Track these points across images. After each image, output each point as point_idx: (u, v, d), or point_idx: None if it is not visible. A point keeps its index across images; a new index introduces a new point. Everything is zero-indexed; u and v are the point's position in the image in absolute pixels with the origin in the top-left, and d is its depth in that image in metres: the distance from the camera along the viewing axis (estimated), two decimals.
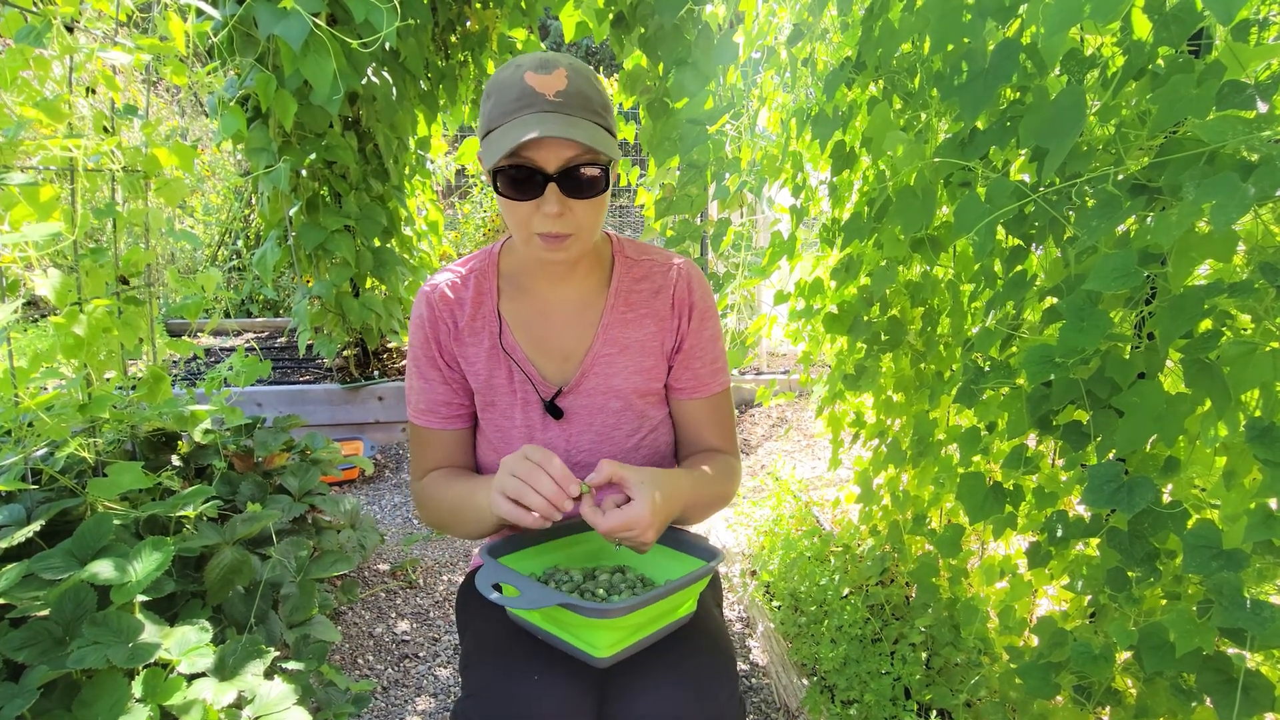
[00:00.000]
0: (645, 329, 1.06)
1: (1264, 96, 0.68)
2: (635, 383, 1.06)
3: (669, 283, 1.07)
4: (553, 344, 1.05)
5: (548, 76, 0.87)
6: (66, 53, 1.24)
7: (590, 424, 1.05)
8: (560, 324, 1.05)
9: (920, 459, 1.41)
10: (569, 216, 0.90)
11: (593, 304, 1.06)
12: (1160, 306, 0.78)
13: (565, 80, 0.87)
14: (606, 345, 1.05)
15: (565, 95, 0.86)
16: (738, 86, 1.93)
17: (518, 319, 1.05)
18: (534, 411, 1.05)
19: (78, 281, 1.34)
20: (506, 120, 0.87)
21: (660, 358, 1.08)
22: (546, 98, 0.86)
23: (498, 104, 0.88)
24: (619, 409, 1.06)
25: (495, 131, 0.88)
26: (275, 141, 2.61)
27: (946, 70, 0.97)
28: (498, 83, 0.89)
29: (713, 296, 1.11)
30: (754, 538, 2.29)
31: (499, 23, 3.01)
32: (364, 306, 3.11)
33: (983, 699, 1.34)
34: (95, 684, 1.02)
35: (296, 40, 1.67)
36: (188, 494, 1.33)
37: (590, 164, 0.88)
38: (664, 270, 1.08)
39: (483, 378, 1.05)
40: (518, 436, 1.05)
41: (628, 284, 1.07)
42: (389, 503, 2.84)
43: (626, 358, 1.06)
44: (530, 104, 0.86)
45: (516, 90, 0.87)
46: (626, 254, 1.09)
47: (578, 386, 1.05)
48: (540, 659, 0.88)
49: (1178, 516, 0.78)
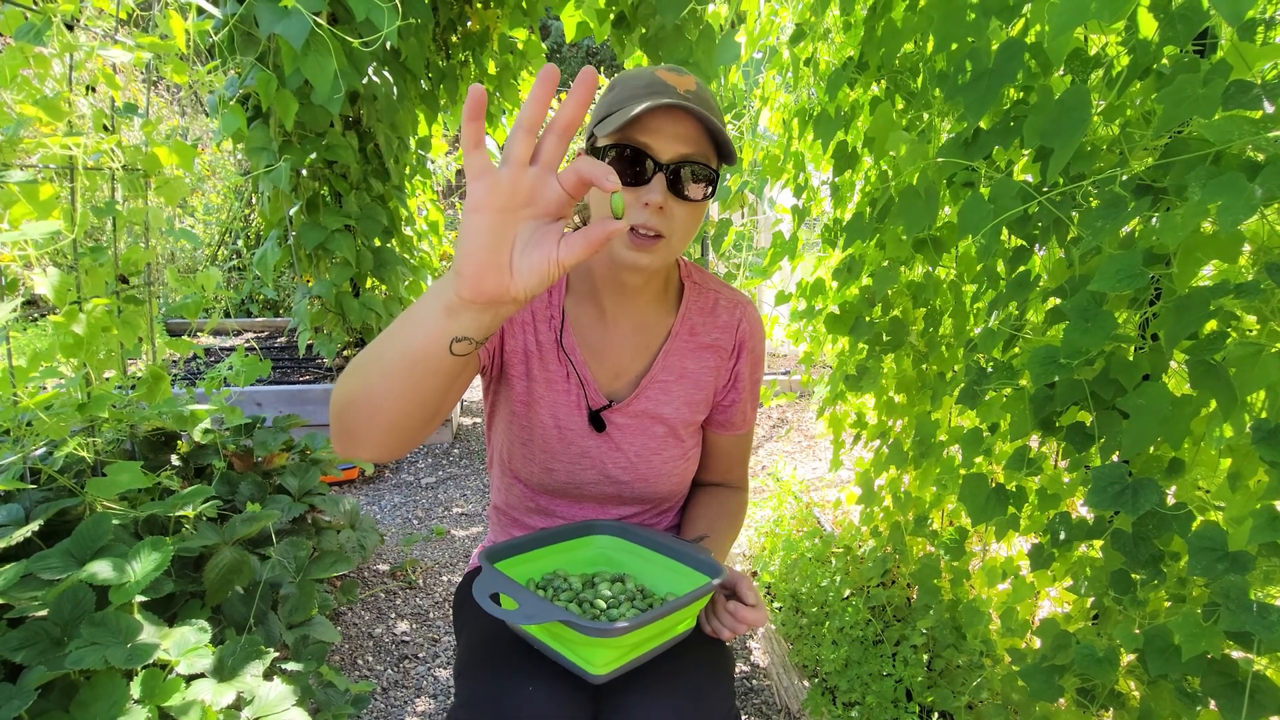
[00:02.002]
0: (704, 362, 1.06)
1: (1270, 96, 0.68)
2: (684, 414, 1.05)
3: (734, 321, 1.07)
4: (609, 356, 1.03)
5: (680, 76, 0.87)
6: (66, 51, 1.24)
7: (632, 444, 1.03)
8: (618, 339, 1.03)
9: (922, 460, 1.41)
10: (667, 216, 0.87)
11: (655, 327, 1.04)
12: (1165, 307, 0.77)
13: (696, 84, 0.88)
14: (665, 371, 1.04)
15: (694, 96, 0.86)
16: (739, 87, 1.93)
17: (579, 320, 1.02)
18: (577, 415, 1.01)
19: (77, 280, 1.34)
20: (632, 102, 0.84)
21: (711, 392, 1.07)
22: (678, 90, 0.85)
23: (624, 90, 0.87)
24: (662, 434, 1.04)
25: (616, 113, 0.85)
26: (276, 141, 2.60)
27: (950, 70, 0.97)
28: (623, 78, 0.89)
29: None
30: (755, 539, 2.28)
31: (500, 23, 3.01)
32: (364, 306, 3.10)
33: (984, 701, 1.34)
34: (93, 685, 1.01)
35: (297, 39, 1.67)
36: (187, 494, 1.32)
37: (702, 165, 0.87)
38: (731, 308, 1.07)
39: (520, 358, 1.00)
40: (554, 439, 1.01)
41: (695, 314, 1.06)
42: (389, 503, 2.83)
43: (682, 387, 1.04)
44: (661, 92, 0.84)
45: (646, 79, 0.86)
46: (695, 280, 1.07)
47: (627, 406, 1.02)
48: (535, 669, 0.86)
49: (1182, 518, 0.78)
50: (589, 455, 1.02)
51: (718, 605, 0.93)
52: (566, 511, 1.07)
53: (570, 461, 1.02)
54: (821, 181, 1.77)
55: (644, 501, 1.07)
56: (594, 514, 1.07)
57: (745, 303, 1.09)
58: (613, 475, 1.03)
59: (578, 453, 1.02)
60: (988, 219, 0.85)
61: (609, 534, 1.02)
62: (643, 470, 1.04)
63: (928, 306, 1.39)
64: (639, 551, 0.99)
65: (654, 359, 1.03)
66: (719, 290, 1.08)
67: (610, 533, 1.02)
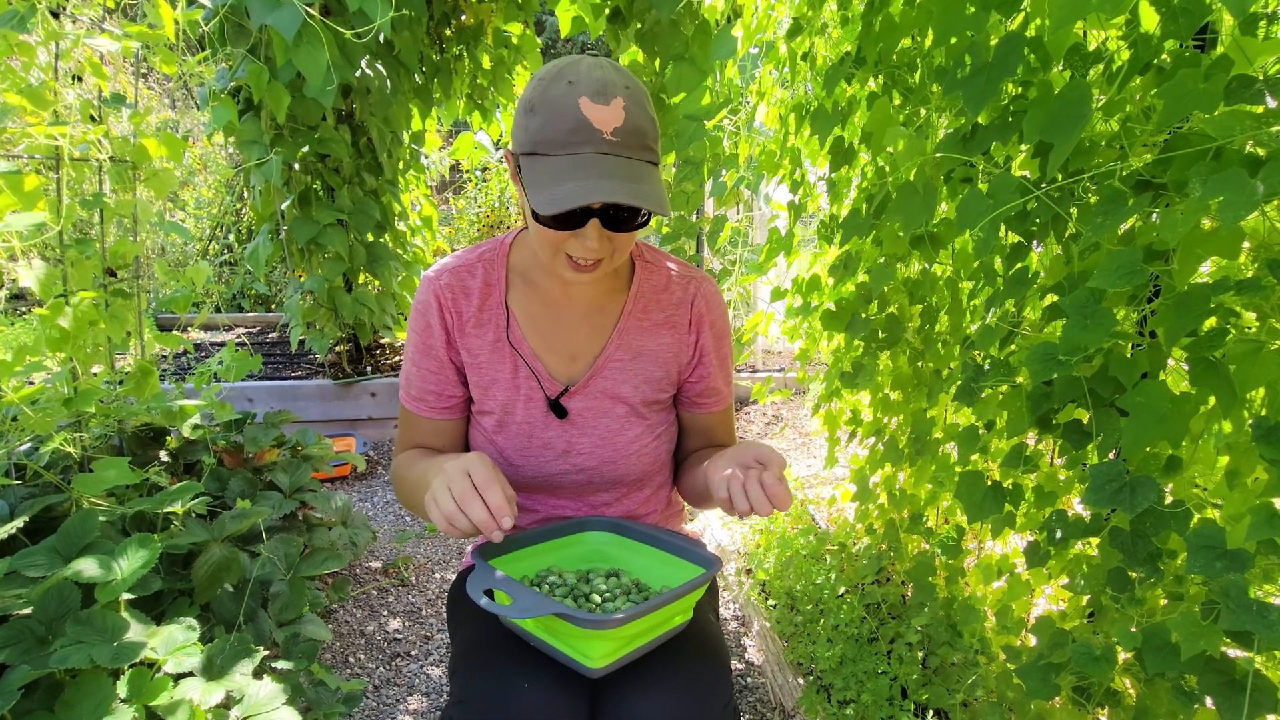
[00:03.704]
0: (660, 339, 1.05)
1: (1272, 91, 0.67)
2: (643, 392, 1.05)
3: (688, 296, 1.06)
4: (561, 342, 1.04)
5: (605, 109, 0.80)
6: (52, 39, 1.22)
7: (594, 427, 1.04)
8: (571, 323, 1.04)
9: (917, 457, 1.40)
10: (605, 245, 0.87)
11: (607, 307, 1.04)
12: (1164, 304, 0.77)
13: (623, 114, 0.81)
14: (620, 350, 1.04)
15: (623, 133, 0.81)
16: (735, 82, 1.92)
17: (526, 314, 1.03)
18: (536, 408, 1.03)
19: (63, 273, 1.32)
20: (560, 154, 0.80)
21: (673, 369, 1.07)
22: (604, 135, 0.80)
23: (547, 127, 0.81)
24: (624, 414, 1.04)
25: (546, 162, 0.81)
26: (267, 134, 2.58)
27: (949, 64, 0.96)
28: (548, 101, 0.81)
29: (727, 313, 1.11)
30: (749, 536, 2.28)
31: (494, 17, 2.99)
32: (357, 302, 3.08)
33: (980, 699, 1.34)
34: (79, 684, 1.00)
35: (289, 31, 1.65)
36: (175, 490, 1.31)
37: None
38: (685, 284, 1.06)
39: (485, 371, 1.03)
40: (517, 432, 1.03)
41: (648, 291, 1.05)
42: (381, 500, 2.82)
43: (639, 365, 1.05)
44: (586, 140, 0.80)
45: (571, 121, 0.80)
46: (646, 259, 1.07)
47: (585, 388, 1.03)
48: (531, 666, 0.86)
49: (1180, 516, 0.77)
50: (552, 445, 1.03)
51: (749, 478, 0.82)
52: (544, 506, 1.08)
53: (533, 454, 1.03)
54: (818, 177, 1.76)
55: (618, 485, 1.07)
56: (572, 506, 1.08)
57: (700, 278, 1.08)
58: (580, 463, 1.04)
59: (540, 444, 1.03)
60: (986, 214, 0.85)
61: (602, 530, 1.01)
62: (608, 452, 1.04)
63: (924, 303, 1.38)
64: (633, 546, 0.98)
65: (609, 339, 1.03)
66: (672, 267, 1.08)
67: (604, 529, 1.01)
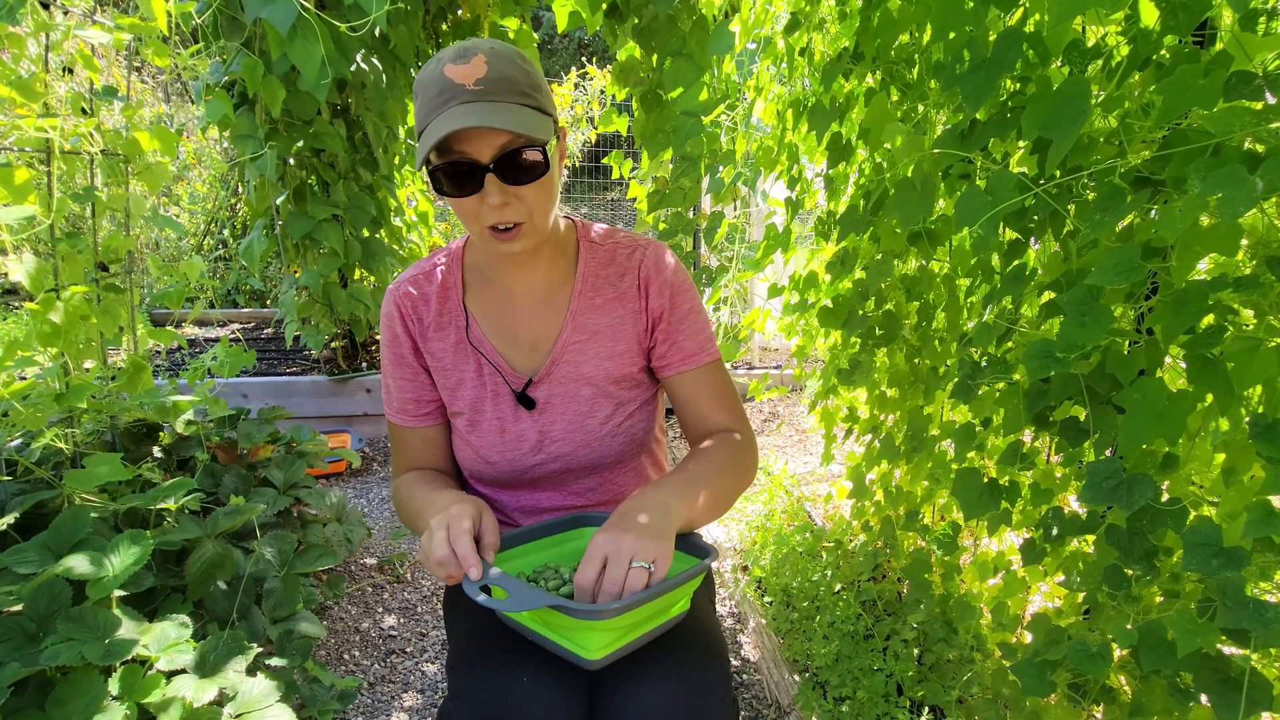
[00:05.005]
0: (614, 313, 1.05)
1: (1272, 88, 0.67)
2: (608, 369, 1.05)
3: (633, 264, 1.05)
4: (520, 335, 1.05)
5: (465, 66, 0.85)
6: (42, 30, 1.21)
7: (564, 412, 1.04)
8: (527, 314, 1.05)
9: (914, 455, 1.40)
10: (515, 205, 0.89)
11: (559, 292, 1.05)
12: (1162, 301, 0.77)
13: (485, 67, 0.85)
14: (576, 332, 1.04)
15: (486, 82, 0.85)
16: (733, 78, 1.91)
17: (484, 312, 1.05)
18: (505, 404, 1.04)
19: (55, 267, 1.30)
20: (431, 118, 0.85)
21: (633, 341, 1.06)
22: (465, 88, 0.84)
23: (423, 103, 0.87)
24: (591, 396, 1.05)
25: (424, 132, 0.86)
26: (262, 128, 2.56)
27: (947, 60, 0.95)
28: (420, 81, 0.88)
29: (685, 272, 1.09)
30: (746, 533, 2.28)
31: (491, 11, 2.97)
32: (352, 298, 3.06)
33: (975, 696, 1.34)
34: (70, 681, 0.99)
35: (284, 24, 1.64)
36: (169, 486, 1.30)
37: (526, 147, 0.87)
38: (629, 253, 1.06)
39: (451, 374, 1.05)
40: (489, 429, 1.04)
41: (594, 269, 1.05)
42: (376, 496, 2.81)
43: (597, 344, 1.05)
44: (451, 96, 0.84)
45: (437, 85, 0.85)
46: (590, 239, 1.07)
47: (548, 375, 1.04)
48: (529, 660, 0.86)
49: (1177, 514, 0.77)
50: (526, 438, 1.04)
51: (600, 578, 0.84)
52: (529, 500, 1.08)
53: (508, 449, 1.04)
54: (815, 174, 1.76)
55: (596, 469, 1.07)
56: (556, 497, 1.08)
57: (644, 244, 1.07)
58: (554, 450, 1.05)
59: (514, 437, 1.04)
60: (984, 211, 0.84)
61: (599, 526, 1.01)
62: (581, 436, 1.05)
63: (922, 300, 1.38)
64: None
65: (563, 323, 1.04)
66: (616, 242, 1.07)
67: (600, 524, 1.01)
